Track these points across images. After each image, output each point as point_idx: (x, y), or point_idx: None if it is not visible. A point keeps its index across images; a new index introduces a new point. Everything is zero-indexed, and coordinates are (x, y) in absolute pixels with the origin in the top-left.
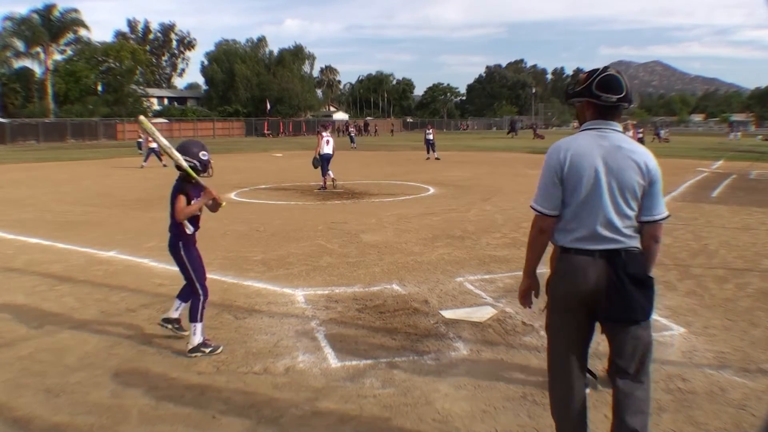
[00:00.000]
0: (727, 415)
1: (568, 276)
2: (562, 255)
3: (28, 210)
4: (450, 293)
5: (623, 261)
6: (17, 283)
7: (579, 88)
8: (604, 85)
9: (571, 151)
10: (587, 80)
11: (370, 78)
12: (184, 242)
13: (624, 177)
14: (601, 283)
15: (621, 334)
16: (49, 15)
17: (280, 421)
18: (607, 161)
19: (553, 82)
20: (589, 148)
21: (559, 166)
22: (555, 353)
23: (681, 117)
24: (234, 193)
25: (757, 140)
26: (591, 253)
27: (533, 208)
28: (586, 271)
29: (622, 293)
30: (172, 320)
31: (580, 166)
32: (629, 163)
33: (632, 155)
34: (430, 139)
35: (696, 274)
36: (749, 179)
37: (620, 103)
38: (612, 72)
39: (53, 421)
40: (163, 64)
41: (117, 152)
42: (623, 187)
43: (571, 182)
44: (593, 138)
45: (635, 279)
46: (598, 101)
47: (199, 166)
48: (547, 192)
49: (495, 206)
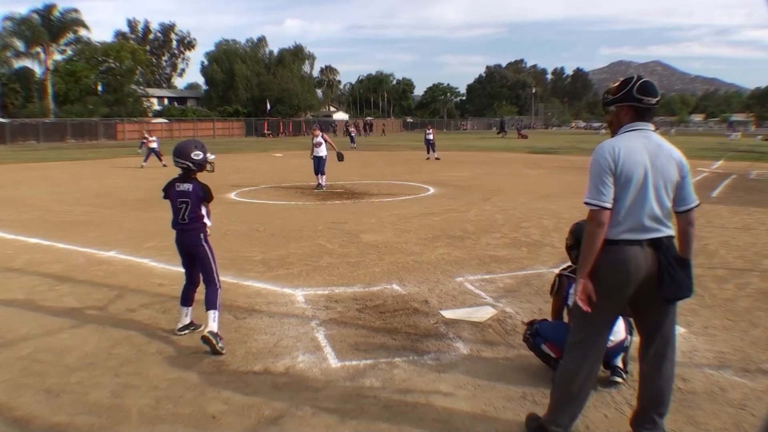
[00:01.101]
0: (727, 415)
1: (619, 265)
2: (610, 247)
3: (28, 210)
4: (450, 293)
5: (666, 247)
6: (17, 283)
7: (620, 94)
8: (645, 90)
9: (622, 149)
10: (626, 87)
11: (370, 78)
12: (205, 235)
13: (667, 173)
14: (652, 268)
15: (662, 314)
16: (49, 15)
17: (280, 421)
18: (653, 159)
19: (553, 82)
20: (637, 147)
21: (612, 162)
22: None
23: (681, 117)
24: (234, 193)
25: (757, 140)
26: (639, 243)
27: (588, 203)
28: (637, 260)
29: (672, 275)
30: (188, 326)
31: (632, 162)
32: (670, 160)
33: (671, 152)
34: (430, 139)
35: (696, 274)
36: (749, 179)
37: (656, 106)
38: (647, 79)
39: (53, 421)
40: (163, 64)
41: (117, 152)
42: (666, 181)
43: (624, 177)
44: (637, 138)
45: (679, 261)
46: (640, 104)
47: (192, 166)
48: (602, 186)
49: (495, 206)
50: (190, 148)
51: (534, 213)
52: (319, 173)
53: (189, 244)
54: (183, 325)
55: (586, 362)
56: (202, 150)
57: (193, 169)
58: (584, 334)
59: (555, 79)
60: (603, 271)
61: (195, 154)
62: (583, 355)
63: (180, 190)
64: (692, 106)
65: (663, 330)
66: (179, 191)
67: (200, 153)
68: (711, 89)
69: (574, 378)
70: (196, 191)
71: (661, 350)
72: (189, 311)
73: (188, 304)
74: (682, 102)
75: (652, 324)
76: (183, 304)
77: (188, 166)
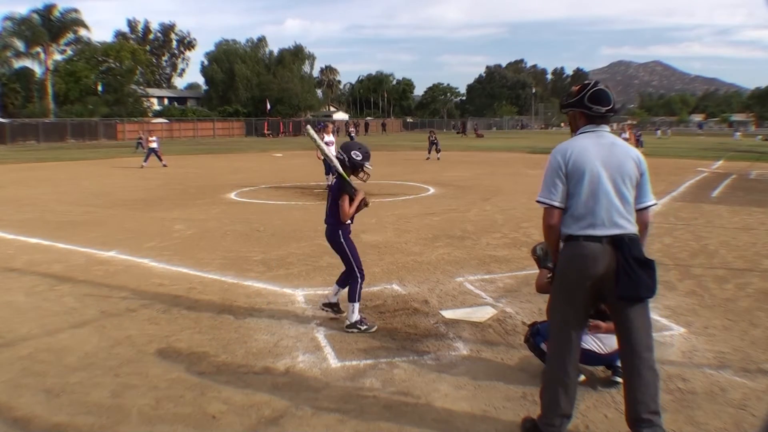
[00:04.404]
0: (727, 415)
1: (577, 260)
2: (570, 242)
3: (28, 210)
4: (450, 293)
5: (628, 246)
6: (17, 283)
7: (572, 100)
8: (596, 98)
9: (572, 150)
10: (580, 93)
11: (370, 78)
12: (343, 232)
13: (623, 167)
14: (610, 266)
15: (630, 311)
16: (49, 15)
17: (280, 421)
18: (607, 155)
19: (553, 82)
20: (588, 146)
21: (563, 163)
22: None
23: (681, 117)
24: (234, 193)
25: (757, 140)
26: (599, 239)
27: (539, 201)
28: (595, 256)
29: (630, 274)
30: (332, 305)
31: (583, 160)
32: (627, 157)
33: (628, 150)
34: (433, 140)
35: (696, 274)
36: (749, 179)
37: (608, 114)
38: (602, 86)
39: (53, 421)
40: (163, 64)
41: (117, 152)
42: (624, 176)
43: (575, 176)
44: (590, 137)
45: (640, 261)
46: (590, 112)
47: (346, 161)
48: (553, 186)
49: (495, 206)
50: (354, 147)
51: (534, 213)
52: (330, 173)
53: (328, 237)
54: (328, 302)
55: (563, 359)
56: (364, 155)
57: (346, 165)
58: (557, 331)
59: (555, 79)
60: (562, 264)
61: (355, 153)
62: (559, 353)
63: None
64: (692, 106)
65: (634, 328)
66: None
67: (359, 155)
68: (711, 89)
69: (555, 375)
70: (335, 187)
71: (636, 348)
72: (338, 292)
73: (340, 285)
74: (682, 102)
75: (623, 321)
76: (336, 283)
77: (343, 159)
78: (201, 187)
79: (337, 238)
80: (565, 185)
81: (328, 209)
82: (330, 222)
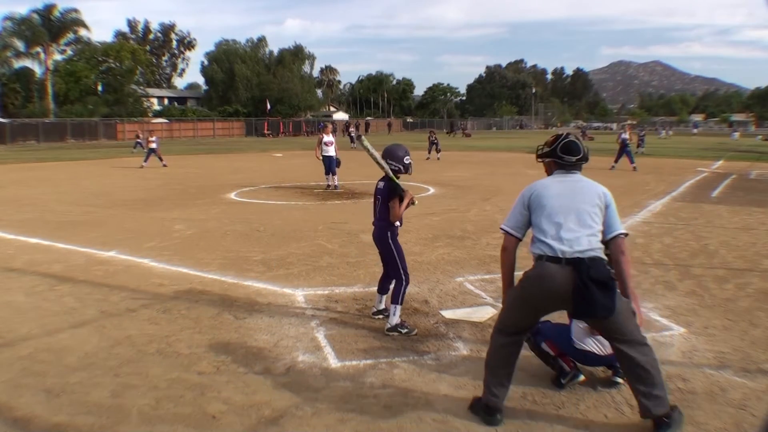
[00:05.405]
0: (727, 415)
1: (538, 280)
2: (536, 262)
3: (28, 210)
4: (450, 293)
5: (587, 266)
6: (17, 283)
7: (547, 150)
8: (566, 149)
9: (537, 186)
10: (553, 144)
11: (370, 78)
12: (392, 233)
13: (587, 196)
14: (569, 286)
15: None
16: (49, 15)
17: (280, 421)
18: (570, 188)
19: (553, 82)
20: (552, 183)
21: (527, 197)
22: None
23: (681, 117)
24: (234, 193)
25: (756, 140)
26: (559, 261)
27: (501, 228)
28: (554, 276)
29: (584, 295)
30: (382, 310)
31: (543, 194)
32: (591, 190)
33: (593, 185)
34: (433, 140)
35: (696, 274)
36: (749, 179)
37: (579, 162)
38: (572, 138)
39: (53, 421)
40: (163, 64)
41: (117, 152)
42: (586, 203)
43: (535, 205)
44: (556, 177)
45: (598, 282)
46: (561, 161)
47: (402, 170)
48: (514, 216)
49: (495, 206)
50: (401, 153)
51: None
52: (330, 173)
53: (376, 238)
54: (377, 309)
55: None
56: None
57: (403, 172)
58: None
59: (555, 79)
60: (525, 281)
61: (407, 158)
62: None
63: (378, 187)
64: (692, 106)
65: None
66: (377, 188)
67: (409, 159)
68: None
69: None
70: (385, 190)
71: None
72: (383, 299)
73: (382, 292)
74: (682, 102)
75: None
76: (378, 292)
77: (399, 169)
78: (201, 187)
79: (386, 239)
80: (526, 217)
81: (378, 211)
82: (380, 224)
